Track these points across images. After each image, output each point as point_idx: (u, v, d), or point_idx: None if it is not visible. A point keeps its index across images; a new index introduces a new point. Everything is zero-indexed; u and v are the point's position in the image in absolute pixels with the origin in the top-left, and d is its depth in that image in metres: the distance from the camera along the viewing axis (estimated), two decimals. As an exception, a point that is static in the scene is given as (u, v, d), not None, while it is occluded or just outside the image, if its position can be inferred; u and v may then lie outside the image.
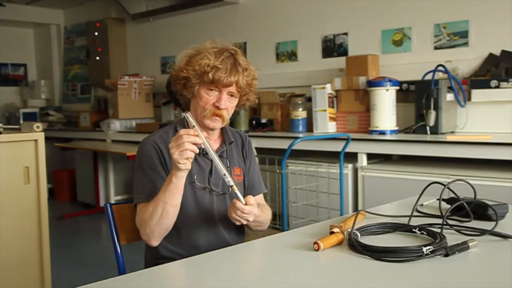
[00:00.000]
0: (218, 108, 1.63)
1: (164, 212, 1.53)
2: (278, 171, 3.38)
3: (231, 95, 1.66)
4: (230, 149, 1.77)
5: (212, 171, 1.70)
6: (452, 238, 1.32)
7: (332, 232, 1.36)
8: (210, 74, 1.59)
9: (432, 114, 3.37)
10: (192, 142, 1.44)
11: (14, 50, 7.18)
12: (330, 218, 2.20)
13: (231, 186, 1.52)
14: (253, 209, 1.54)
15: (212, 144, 1.74)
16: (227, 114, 1.67)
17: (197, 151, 1.46)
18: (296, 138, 3.09)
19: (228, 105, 1.66)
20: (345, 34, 4.24)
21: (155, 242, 1.61)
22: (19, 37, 7.26)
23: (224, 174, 1.52)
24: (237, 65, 1.63)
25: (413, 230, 1.41)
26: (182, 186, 1.53)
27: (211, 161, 1.70)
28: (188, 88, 1.66)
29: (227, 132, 1.78)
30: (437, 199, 1.66)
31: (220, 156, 1.73)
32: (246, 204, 1.52)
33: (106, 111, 5.84)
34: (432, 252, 1.20)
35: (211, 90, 1.63)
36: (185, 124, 1.72)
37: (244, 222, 1.56)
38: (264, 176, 3.68)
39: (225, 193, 1.71)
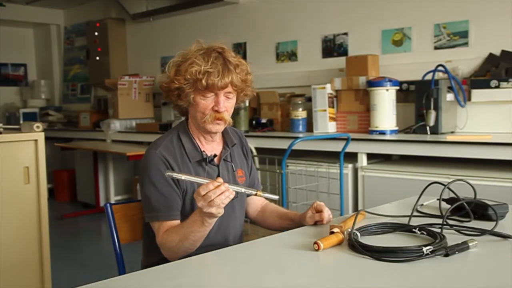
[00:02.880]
0: (217, 111, 1.60)
1: (191, 246, 1.52)
2: (278, 171, 3.38)
3: (228, 95, 1.62)
4: (233, 151, 1.76)
5: (219, 177, 1.67)
6: (452, 238, 1.32)
7: (332, 232, 1.36)
8: (203, 81, 1.55)
9: (432, 114, 3.37)
10: (220, 194, 1.36)
11: (14, 50, 7.18)
12: (330, 218, 2.19)
13: (255, 194, 1.49)
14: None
15: (215, 147, 1.72)
16: (228, 116, 1.64)
17: (233, 195, 1.40)
18: (296, 138, 3.09)
19: (227, 105, 1.63)
20: (345, 34, 4.24)
21: (176, 260, 1.59)
22: (19, 37, 7.26)
23: (247, 192, 1.49)
24: (227, 64, 1.58)
25: (413, 230, 1.40)
26: (212, 225, 1.50)
27: (217, 166, 1.69)
28: (183, 98, 1.62)
29: (228, 133, 1.76)
30: (437, 199, 1.66)
31: (225, 160, 1.72)
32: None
33: (106, 111, 5.84)
34: (432, 252, 1.20)
35: (207, 95, 1.59)
36: (186, 130, 1.70)
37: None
38: (264, 176, 3.69)
39: (233, 198, 1.71)
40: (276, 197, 1.53)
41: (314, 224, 1.62)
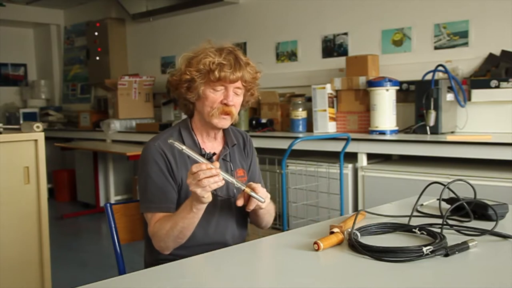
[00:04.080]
0: (226, 105, 1.62)
1: (181, 234, 1.54)
2: (278, 171, 3.38)
3: (237, 91, 1.64)
4: (233, 151, 1.76)
5: (217, 162, 1.68)
6: (452, 238, 1.32)
7: (332, 232, 1.36)
8: (216, 72, 1.57)
9: (432, 114, 3.37)
10: (209, 176, 1.39)
11: (14, 50, 7.18)
12: (330, 218, 2.19)
13: (243, 190, 1.50)
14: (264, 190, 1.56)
15: (216, 146, 1.73)
16: (236, 111, 1.65)
17: (222, 183, 1.42)
18: (296, 138, 3.09)
19: (236, 101, 1.64)
20: (345, 34, 4.24)
21: (167, 252, 1.61)
22: (19, 37, 7.26)
23: (236, 184, 1.49)
24: (239, 60, 1.62)
25: (413, 230, 1.40)
26: (201, 213, 1.52)
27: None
28: (193, 90, 1.63)
29: (230, 134, 1.76)
30: (437, 199, 1.66)
31: (224, 160, 1.72)
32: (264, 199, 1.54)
33: (106, 111, 5.85)
34: (432, 252, 1.20)
35: (217, 88, 1.61)
36: (188, 126, 1.71)
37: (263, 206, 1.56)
38: (264, 176, 3.68)
39: (230, 197, 1.71)
40: (262, 199, 1.52)
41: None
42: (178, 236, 1.54)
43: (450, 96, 3.44)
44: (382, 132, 3.54)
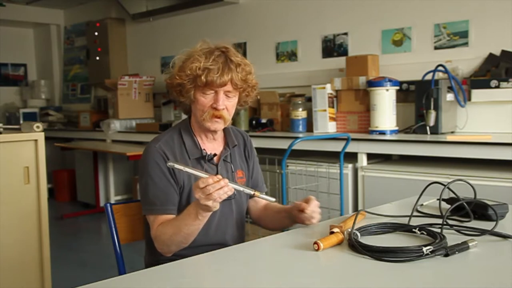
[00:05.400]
0: (216, 109, 1.61)
1: (184, 240, 1.54)
2: (278, 171, 3.38)
3: (229, 94, 1.63)
4: (234, 152, 1.76)
5: (218, 175, 1.68)
6: (452, 238, 1.32)
7: (332, 232, 1.36)
8: (202, 77, 1.56)
9: (432, 114, 3.37)
10: (218, 188, 1.38)
11: (14, 50, 7.17)
12: (330, 218, 2.19)
13: (253, 195, 1.49)
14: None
15: (216, 147, 1.73)
16: (228, 114, 1.64)
17: (232, 192, 1.43)
18: (296, 138, 3.09)
19: (227, 104, 1.63)
20: (345, 34, 4.24)
21: (170, 255, 1.61)
22: (19, 37, 7.26)
23: (246, 191, 1.50)
24: (229, 62, 1.59)
25: (413, 230, 1.40)
26: (206, 220, 1.51)
27: (216, 165, 1.69)
28: (184, 94, 1.63)
29: (230, 134, 1.76)
30: (437, 199, 1.66)
31: (224, 160, 1.72)
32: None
33: (106, 111, 5.85)
34: (432, 252, 1.20)
35: (207, 92, 1.60)
36: (188, 127, 1.71)
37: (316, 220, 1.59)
38: (264, 176, 3.68)
39: (230, 198, 1.71)
40: (273, 199, 1.54)
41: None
42: (182, 241, 1.54)
43: (450, 96, 3.44)
44: (382, 132, 3.54)
